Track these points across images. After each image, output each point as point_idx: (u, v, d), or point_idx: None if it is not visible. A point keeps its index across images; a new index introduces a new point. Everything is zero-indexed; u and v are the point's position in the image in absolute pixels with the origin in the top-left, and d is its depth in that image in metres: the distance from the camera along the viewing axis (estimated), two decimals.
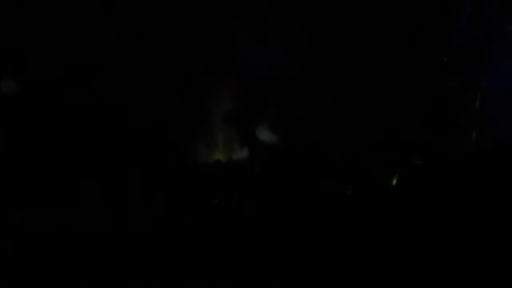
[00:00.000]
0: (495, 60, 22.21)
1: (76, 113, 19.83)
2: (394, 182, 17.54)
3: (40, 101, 19.84)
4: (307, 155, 20.92)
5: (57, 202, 16.24)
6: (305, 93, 23.80)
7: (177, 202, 17.26)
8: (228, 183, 19.79)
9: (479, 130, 20.32)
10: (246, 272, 11.03)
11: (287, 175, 19.43)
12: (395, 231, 10.91)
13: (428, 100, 22.83)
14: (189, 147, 24.82)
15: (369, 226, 11.56)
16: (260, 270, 10.94)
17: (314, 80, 23.58)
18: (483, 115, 20.95)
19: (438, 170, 13.86)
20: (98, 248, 12.48)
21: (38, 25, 21.12)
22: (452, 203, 10.71)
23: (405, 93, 23.12)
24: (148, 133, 22.35)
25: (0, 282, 10.84)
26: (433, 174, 13.76)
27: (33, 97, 19.82)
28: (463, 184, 11.23)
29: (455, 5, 22.73)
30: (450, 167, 13.44)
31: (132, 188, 18.15)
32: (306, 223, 13.06)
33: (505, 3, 22.05)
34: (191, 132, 25.12)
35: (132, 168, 19.47)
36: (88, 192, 17.21)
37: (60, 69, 21.04)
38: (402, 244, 10.31)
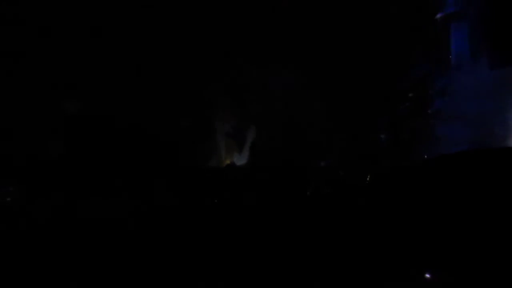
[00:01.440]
0: (441, 90, 22.34)
1: (111, 128, 20.06)
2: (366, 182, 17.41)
3: (87, 118, 20.16)
4: (294, 162, 20.90)
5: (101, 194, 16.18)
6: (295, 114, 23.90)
7: (194, 197, 17.06)
8: (237, 182, 19.68)
9: (427, 143, 20.24)
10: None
11: (280, 176, 19.30)
12: (366, 223, 10.47)
13: (388, 119, 22.94)
14: (206, 154, 25.11)
15: (346, 220, 11.11)
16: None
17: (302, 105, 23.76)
18: (431, 131, 20.96)
19: (397, 175, 13.83)
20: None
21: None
22: (406, 200, 10.43)
23: (372, 114, 23.30)
24: (172, 144, 22.58)
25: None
26: (393, 178, 13.72)
27: (82, 116, 20.16)
28: (415, 185, 11.02)
29: (411, 49, 22.82)
30: (406, 172, 13.38)
31: (157, 186, 18.12)
32: (294, 216, 12.63)
33: (446, 46, 22.29)
34: (207, 143, 25.41)
35: (158, 169, 19.57)
36: (123, 188, 17.22)
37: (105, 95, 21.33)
38: (370, 236, 9.59)
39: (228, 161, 26.37)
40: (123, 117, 21.09)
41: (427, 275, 7.00)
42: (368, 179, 14.94)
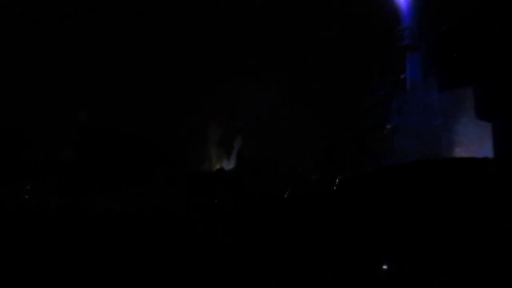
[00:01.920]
0: (398, 108, 22.65)
1: (117, 137, 20.00)
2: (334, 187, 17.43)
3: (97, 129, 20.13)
4: (274, 169, 20.99)
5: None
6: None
7: (190, 198, 16.96)
8: (226, 185, 19.67)
9: (386, 154, 20.41)
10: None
11: (263, 180, 19.35)
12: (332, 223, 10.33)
13: (354, 133, 23.21)
14: (198, 160, 25.10)
15: (318, 217, 11.08)
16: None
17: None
18: (389, 144, 21.16)
19: (361, 180, 13.93)
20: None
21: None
22: (367, 201, 10.52)
23: (340, 128, 23.58)
24: (170, 151, 22.59)
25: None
26: (357, 182, 13.81)
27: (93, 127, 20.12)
28: (375, 189, 11.09)
29: (373, 74, 23.18)
30: (369, 178, 13.48)
31: (157, 187, 18.04)
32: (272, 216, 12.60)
33: (402, 72, 22.63)
34: (200, 151, 25.41)
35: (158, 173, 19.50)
36: (126, 189, 17.09)
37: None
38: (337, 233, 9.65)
39: (218, 166, 26.47)
40: (128, 129, 21.09)
41: (384, 267, 7.10)
42: (336, 183, 15.02)
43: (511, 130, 8.42)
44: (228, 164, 25.79)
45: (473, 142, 15.04)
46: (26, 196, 16.68)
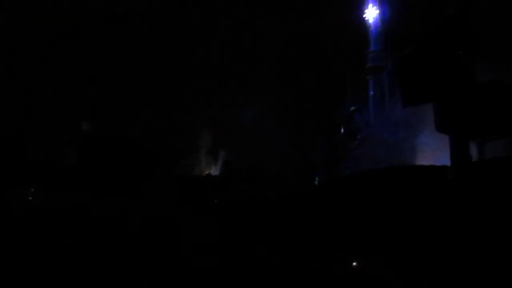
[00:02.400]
0: (367, 122, 22.75)
1: (119, 145, 19.57)
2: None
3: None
4: (257, 174, 20.83)
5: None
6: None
7: (182, 201, 16.57)
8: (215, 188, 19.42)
9: (356, 162, 20.43)
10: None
11: (246, 185, 19.19)
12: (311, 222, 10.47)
13: (328, 143, 23.23)
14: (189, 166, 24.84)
15: (295, 217, 10.97)
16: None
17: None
18: (359, 153, 21.21)
19: (333, 185, 13.88)
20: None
21: None
22: (339, 203, 10.45)
23: (316, 138, 23.60)
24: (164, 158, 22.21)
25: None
26: (330, 187, 13.75)
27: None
28: (346, 193, 11.07)
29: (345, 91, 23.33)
30: (340, 183, 13.43)
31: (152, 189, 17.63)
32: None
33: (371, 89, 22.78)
34: (191, 157, 25.15)
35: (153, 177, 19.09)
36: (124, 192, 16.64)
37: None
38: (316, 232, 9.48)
39: (207, 172, 26.22)
40: (127, 136, 20.72)
41: (354, 264, 6.99)
42: (312, 187, 14.99)
43: (464, 141, 8.32)
44: (216, 170, 25.60)
45: (433, 151, 15.10)
46: (30, 198, 16.16)
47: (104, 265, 8.79)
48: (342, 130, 24.85)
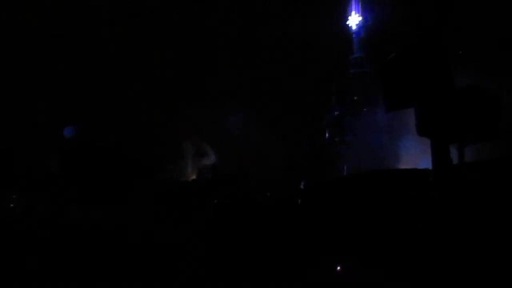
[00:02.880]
0: (351, 126, 23.05)
1: (101, 152, 19.26)
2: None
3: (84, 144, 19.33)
4: (244, 179, 20.80)
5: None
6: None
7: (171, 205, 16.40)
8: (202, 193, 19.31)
9: (340, 165, 20.69)
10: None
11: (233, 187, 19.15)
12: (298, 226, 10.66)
13: (313, 147, 23.40)
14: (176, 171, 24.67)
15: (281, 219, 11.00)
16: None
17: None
18: (343, 156, 21.47)
19: (318, 187, 13.95)
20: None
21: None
22: (323, 206, 10.52)
23: (302, 143, 23.71)
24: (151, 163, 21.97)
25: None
26: (315, 189, 13.83)
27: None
28: (330, 196, 11.13)
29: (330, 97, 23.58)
30: (325, 186, 13.54)
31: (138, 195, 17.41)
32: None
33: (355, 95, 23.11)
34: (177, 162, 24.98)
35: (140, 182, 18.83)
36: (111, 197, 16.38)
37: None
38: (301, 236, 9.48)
39: (193, 177, 26.06)
40: (112, 141, 20.46)
41: (338, 268, 7.03)
42: (297, 190, 15.06)
43: (445, 145, 8.51)
44: (203, 175, 25.46)
45: (416, 155, 15.37)
46: (12, 205, 15.79)
47: (81, 272, 8.70)
48: (327, 135, 25.13)
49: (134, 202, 15.84)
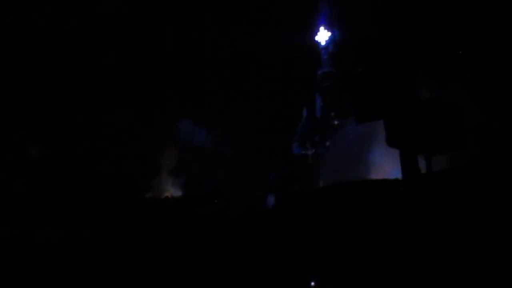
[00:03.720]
0: (323, 139, 23.41)
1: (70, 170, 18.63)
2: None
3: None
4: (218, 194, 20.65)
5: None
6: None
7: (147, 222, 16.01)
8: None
9: (312, 179, 20.88)
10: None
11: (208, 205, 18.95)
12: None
13: (285, 160, 23.58)
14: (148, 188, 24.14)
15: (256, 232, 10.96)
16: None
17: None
18: (314, 169, 21.70)
19: (290, 202, 14.02)
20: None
21: None
22: (299, 223, 10.53)
23: (274, 156, 23.84)
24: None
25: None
26: (287, 204, 13.86)
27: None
28: (302, 209, 11.18)
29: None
30: (297, 200, 13.60)
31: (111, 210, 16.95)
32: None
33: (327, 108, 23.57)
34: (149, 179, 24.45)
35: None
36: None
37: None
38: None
39: (167, 194, 25.55)
40: (79, 159, 19.87)
41: (312, 283, 7.00)
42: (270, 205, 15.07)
43: (413, 155, 8.74)
44: (176, 192, 25.05)
45: (386, 166, 15.72)
46: None
47: None
48: (298, 149, 25.36)
49: (105, 221, 15.42)
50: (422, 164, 9.36)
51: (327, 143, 23.27)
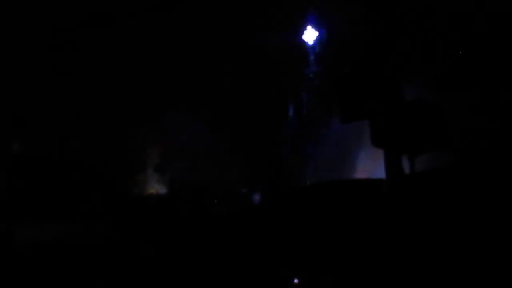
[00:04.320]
0: (310, 137, 23.48)
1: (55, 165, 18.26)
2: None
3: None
4: (203, 191, 20.52)
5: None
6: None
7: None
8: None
9: (300, 178, 20.94)
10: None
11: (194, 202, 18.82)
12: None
13: (271, 160, 23.63)
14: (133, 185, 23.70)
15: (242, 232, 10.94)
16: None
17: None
18: (302, 168, 21.78)
19: (276, 200, 14.08)
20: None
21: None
22: (284, 221, 10.59)
23: (260, 156, 23.81)
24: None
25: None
26: (273, 202, 13.93)
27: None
28: (288, 208, 11.23)
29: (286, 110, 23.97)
30: (282, 198, 13.68)
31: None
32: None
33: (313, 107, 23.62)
34: (134, 176, 24.04)
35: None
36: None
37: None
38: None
39: (152, 191, 25.26)
40: (63, 153, 19.45)
41: (296, 281, 7.03)
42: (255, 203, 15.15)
43: (397, 155, 8.84)
44: (162, 189, 24.78)
45: (371, 165, 15.87)
46: None
47: None
48: (285, 148, 25.48)
49: (85, 221, 15.19)
50: (405, 164, 9.45)
51: (313, 143, 23.41)
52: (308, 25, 26.14)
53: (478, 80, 15.30)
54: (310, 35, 26.68)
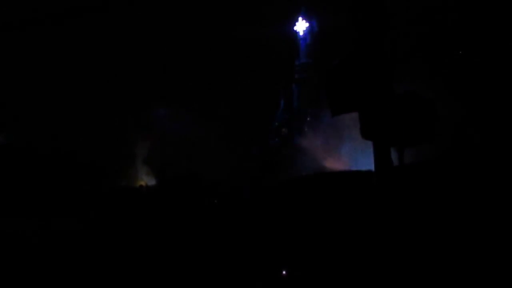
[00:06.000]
0: (299, 131, 23.52)
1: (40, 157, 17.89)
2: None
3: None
4: (194, 182, 20.38)
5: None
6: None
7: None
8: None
9: (290, 170, 21.01)
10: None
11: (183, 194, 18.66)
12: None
13: (263, 150, 23.59)
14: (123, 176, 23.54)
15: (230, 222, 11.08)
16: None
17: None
18: (291, 159, 21.85)
19: (266, 192, 14.09)
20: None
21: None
22: (274, 212, 10.60)
23: (252, 146, 23.76)
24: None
25: None
26: (263, 193, 13.95)
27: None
28: (278, 198, 11.24)
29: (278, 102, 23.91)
30: (280, 189, 13.70)
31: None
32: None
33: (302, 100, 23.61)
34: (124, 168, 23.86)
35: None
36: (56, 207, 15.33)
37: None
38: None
39: (142, 182, 25.07)
40: (51, 145, 19.11)
41: (284, 272, 7.03)
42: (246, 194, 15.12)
43: (386, 148, 8.80)
44: (151, 180, 24.63)
45: (360, 157, 15.94)
46: None
47: None
48: (276, 139, 25.42)
49: (78, 213, 14.97)
50: (393, 156, 9.43)
51: (303, 134, 23.43)
52: (299, 15, 26.03)
53: (467, 75, 15.40)
54: (301, 25, 26.60)
